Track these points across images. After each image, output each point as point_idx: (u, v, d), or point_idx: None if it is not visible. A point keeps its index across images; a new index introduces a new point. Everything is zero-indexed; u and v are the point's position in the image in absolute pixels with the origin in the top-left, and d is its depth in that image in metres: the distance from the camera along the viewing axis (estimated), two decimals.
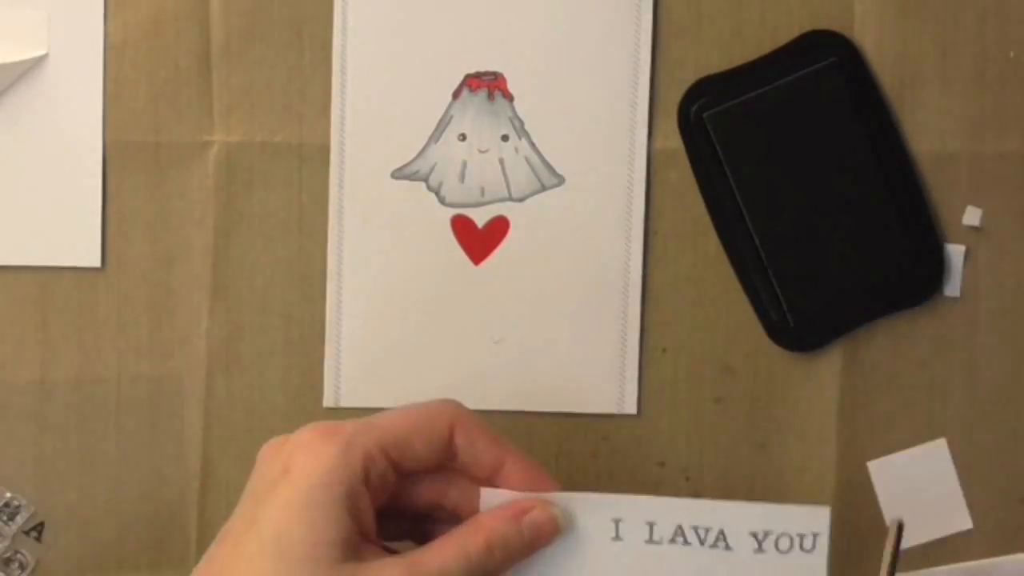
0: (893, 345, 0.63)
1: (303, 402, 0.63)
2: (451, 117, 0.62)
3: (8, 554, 0.62)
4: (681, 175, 0.63)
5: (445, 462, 0.51)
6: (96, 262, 0.62)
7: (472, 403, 0.63)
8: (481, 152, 0.62)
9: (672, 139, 0.62)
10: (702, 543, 0.52)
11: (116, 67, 0.62)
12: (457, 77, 0.62)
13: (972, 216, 0.63)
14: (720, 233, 0.63)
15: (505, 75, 0.62)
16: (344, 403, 0.63)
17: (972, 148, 0.63)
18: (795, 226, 0.62)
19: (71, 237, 0.62)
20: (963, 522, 0.64)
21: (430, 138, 0.62)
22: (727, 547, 0.52)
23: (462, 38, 0.61)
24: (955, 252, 0.63)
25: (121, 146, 0.62)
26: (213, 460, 0.63)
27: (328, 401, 0.63)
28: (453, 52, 0.62)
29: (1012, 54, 0.63)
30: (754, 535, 0.51)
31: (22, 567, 0.62)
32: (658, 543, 0.51)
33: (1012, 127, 0.63)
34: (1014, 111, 0.63)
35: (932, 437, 0.64)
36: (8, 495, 0.62)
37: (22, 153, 0.61)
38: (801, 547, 0.52)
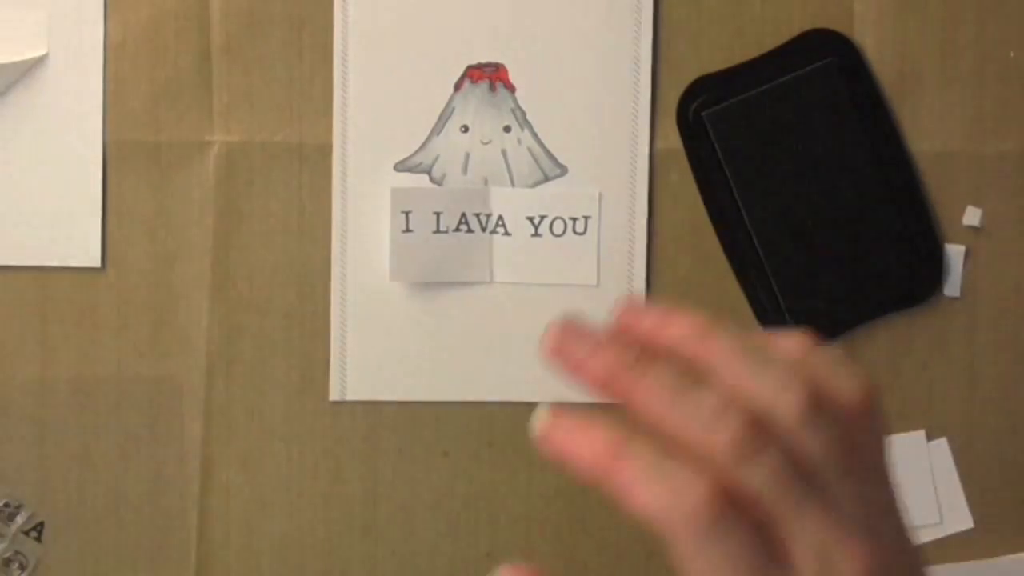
0: (893, 345, 0.63)
1: (303, 401, 0.63)
2: (453, 109, 0.62)
3: (8, 554, 0.62)
4: (681, 175, 0.63)
5: None
6: (96, 262, 0.62)
7: (475, 393, 0.63)
8: (483, 143, 0.62)
9: (672, 139, 0.62)
10: (483, 229, 0.61)
11: (116, 67, 0.62)
12: (458, 69, 0.62)
13: (972, 216, 0.63)
14: (719, 233, 0.63)
15: (506, 66, 0.62)
16: (351, 396, 0.63)
17: (972, 148, 0.63)
18: (795, 226, 0.62)
19: (71, 237, 0.62)
20: (963, 522, 0.64)
21: (432, 130, 0.62)
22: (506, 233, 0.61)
23: (462, 30, 0.62)
24: (955, 252, 0.63)
25: (121, 146, 0.62)
26: (213, 460, 0.63)
27: (334, 395, 0.63)
28: (454, 44, 0.62)
29: (1012, 54, 0.63)
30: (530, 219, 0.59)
31: (22, 567, 0.62)
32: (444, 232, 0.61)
33: (1012, 127, 0.63)
34: (1014, 111, 0.63)
35: (932, 437, 0.64)
36: (8, 495, 0.62)
37: (22, 153, 0.61)
38: (574, 230, 0.61)
